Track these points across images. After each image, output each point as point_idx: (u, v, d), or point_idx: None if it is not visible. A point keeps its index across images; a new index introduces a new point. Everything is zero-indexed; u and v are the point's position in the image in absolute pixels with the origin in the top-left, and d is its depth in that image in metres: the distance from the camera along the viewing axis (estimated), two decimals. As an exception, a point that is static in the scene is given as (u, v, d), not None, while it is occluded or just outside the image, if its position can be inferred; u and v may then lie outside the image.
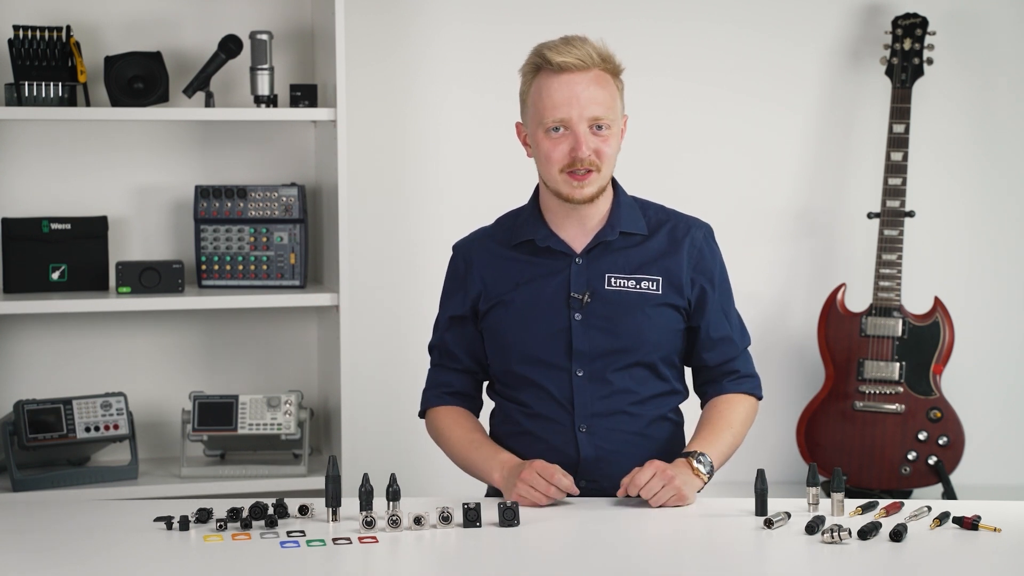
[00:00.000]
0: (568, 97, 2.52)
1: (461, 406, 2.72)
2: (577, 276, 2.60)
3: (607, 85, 2.55)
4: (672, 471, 2.48)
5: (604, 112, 2.53)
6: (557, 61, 2.53)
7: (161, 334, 3.77)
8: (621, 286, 2.60)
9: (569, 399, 2.59)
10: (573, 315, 2.59)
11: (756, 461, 2.75)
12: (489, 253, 2.67)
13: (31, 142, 3.68)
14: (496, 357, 2.67)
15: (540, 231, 2.63)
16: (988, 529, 2.32)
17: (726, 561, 2.24)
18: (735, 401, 2.67)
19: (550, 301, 2.60)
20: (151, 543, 2.27)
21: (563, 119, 2.53)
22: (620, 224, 2.62)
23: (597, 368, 2.59)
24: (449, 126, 3.91)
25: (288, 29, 3.78)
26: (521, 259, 2.64)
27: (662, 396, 2.64)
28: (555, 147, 2.54)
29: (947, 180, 4.14)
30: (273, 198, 3.66)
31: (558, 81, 2.53)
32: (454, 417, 2.70)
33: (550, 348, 2.60)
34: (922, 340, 3.92)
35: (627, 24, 3.95)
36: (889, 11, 4.06)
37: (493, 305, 2.64)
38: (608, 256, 2.61)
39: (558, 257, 2.62)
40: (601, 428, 2.59)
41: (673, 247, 2.63)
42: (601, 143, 2.54)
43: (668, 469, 2.48)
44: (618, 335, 2.58)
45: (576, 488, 2.50)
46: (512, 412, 2.66)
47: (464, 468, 2.67)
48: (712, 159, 4.05)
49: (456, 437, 2.67)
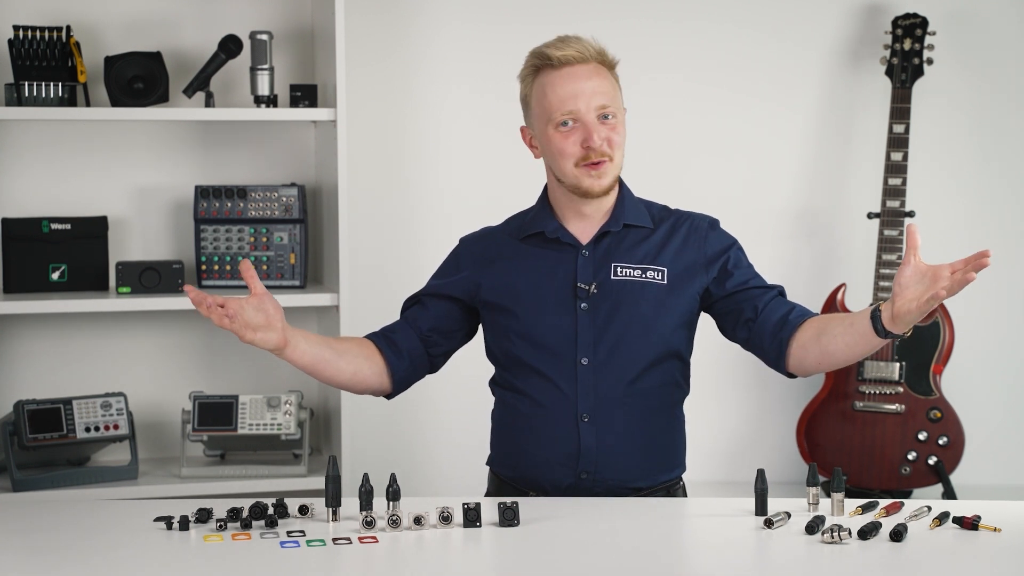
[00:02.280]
0: (573, 90, 2.55)
1: (376, 344, 2.70)
2: (584, 266, 2.62)
3: (607, 76, 2.59)
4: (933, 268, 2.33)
5: (609, 101, 2.57)
6: (557, 56, 2.56)
7: (161, 334, 3.77)
8: (627, 276, 2.61)
9: (573, 388, 2.60)
10: (579, 304, 2.60)
11: (756, 461, 2.75)
12: (496, 244, 2.70)
13: (31, 142, 3.68)
14: (501, 346, 2.68)
15: (550, 224, 2.65)
16: (988, 529, 2.32)
17: (726, 561, 2.24)
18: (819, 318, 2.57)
19: (557, 290, 2.62)
20: (151, 543, 2.27)
21: (571, 111, 2.55)
22: (624, 216, 2.64)
23: (601, 357, 2.59)
24: (449, 126, 3.91)
25: (288, 29, 3.78)
26: (530, 250, 2.67)
27: (665, 387, 2.64)
28: (567, 140, 2.56)
29: (947, 180, 4.14)
30: (273, 198, 3.66)
31: (560, 76, 2.56)
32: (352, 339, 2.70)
33: (556, 336, 2.61)
34: (922, 340, 3.92)
35: (627, 24, 3.95)
36: (889, 11, 4.06)
37: (498, 293, 2.66)
38: (614, 247, 2.63)
39: (565, 248, 2.64)
40: (603, 418, 2.60)
41: (678, 237, 2.66)
42: (611, 132, 2.56)
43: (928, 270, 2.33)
44: (624, 325, 2.60)
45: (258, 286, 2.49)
46: (515, 404, 2.66)
47: None
48: (712, 159, 4.05)
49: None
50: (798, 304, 2.64)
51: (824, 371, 2.86)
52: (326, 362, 2.62)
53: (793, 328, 2.58)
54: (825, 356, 2.54)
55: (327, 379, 2.65)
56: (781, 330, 2.59)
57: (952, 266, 2.31)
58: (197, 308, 2.43)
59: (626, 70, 2.64)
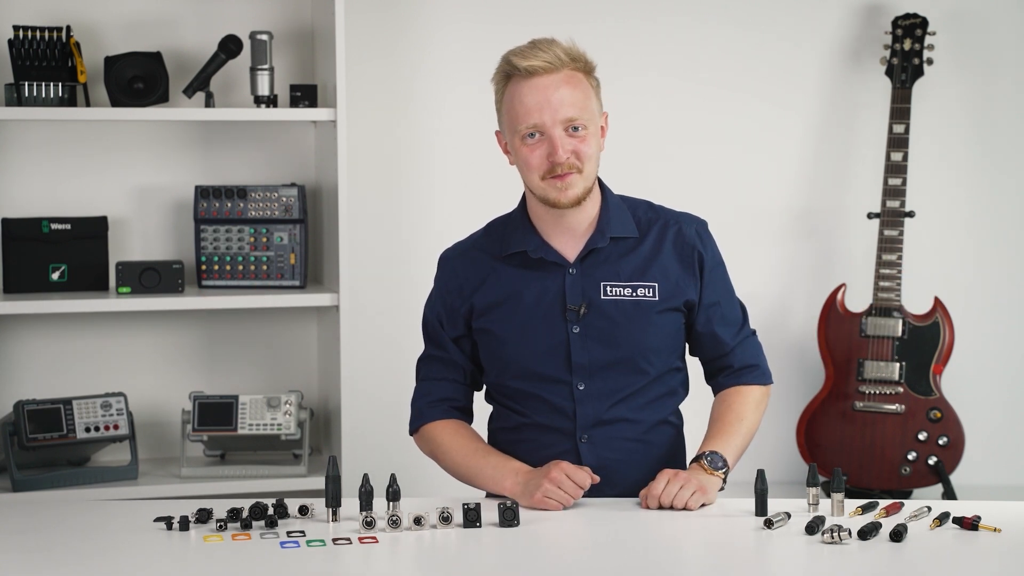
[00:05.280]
0: (539, 102, 2.49)
1: (461, 419, 2.69)
2: (572, 287, 2.57)
3: (579, 84, 2.51)
4: (685, 474, 2.47)
5: (578, 112, 2.49)
6: (523, 66, 2.49)
7: (161, 334, 3.77)
8: (618, 295, 2.57)
9: (570, 411, 2.58)
10: (571, 328, 2.56)
11: (756, 461, 2.75)
12: (478, 266, 2.63)
13: (31, 142, 3.68)
14: (492, 370, 2.64)
15: (531, 242, 2.59)
16: (988, 529, 2.32)
17: (726, 561, 2.24)
18: (743, 393, 2.66)
19: (546, 314, 2.57)
20: (151, 543, 2.27)
21: (536, 124, 2.49)
22: (610, 229, 2.58)
23: (598, 380, 2.57)
24: (449, 126, 3.90)
25: (288, 29, 3.78)
26: (513, 271, 2.60)
27: (662, 399, 2.63)
28: (532, 153, 2.51)
29: (947, 180, 4.14)
30: (273, 198, 3.66)
31: (527, 86, 2.50)
32: (454, 429, 2.65)
33: (549, 362, 2.57)
34: (922, 340, 3.92)
35: (627, 24, 3.95)
36: (889, 11, 4.06)
37: (487, 319, 2.61)
38: (602, 264, 2.58)
39: (551, 268, 2.58)
40: (602, 437, 2.58)
41: (666, 247, 2.60)
42: (579, 143, 2.50)
43: (680, 473, 2.47)
44: (618, 345, 2.56)
45: (597, 477, 2.50)
46: (511, 420, 2.64)
47: (469, 479, 2.61)
48: (712, 159, 4.05)
49: (461, 446, 2.62)
50: (732, 367, 2.68)
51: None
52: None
53: (719, 388, 2.70)
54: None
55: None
56: (711, 381, 2.72)
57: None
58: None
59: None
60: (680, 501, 2.43)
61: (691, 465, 2.53)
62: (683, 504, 2.43)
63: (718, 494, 2.50)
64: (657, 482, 2.46)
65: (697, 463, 2.52)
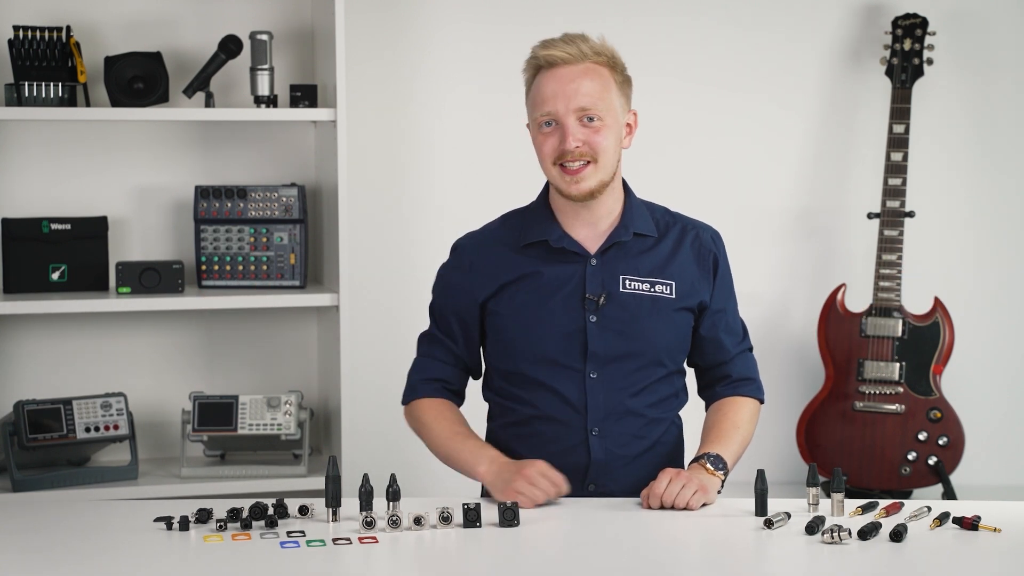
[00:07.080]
0: (556, 91, 2.52)
1: (451, 401, 2.71)
2: (592, 277, 2.59)
3: (599, 77, 2.54)
4: (687, 473, 2.48)
5: (592, 103, 2.52)
6: (543, 55, 2.54)
7: (161, 334, 3.77)
8: (636, 289, 2.59)
9: (581, 401, 2.58)
10: (588, 317, 2.58)
11: (756, 461, 2.75)
12: (496, 255, 2.64)
13: (31, 142, 3.68)
14: (502, 358, 2.65)
15: (553, 231, 2.61)
16: (988, 529, 2.32)
17: (726, 561, 2.25)
18: (739, 403, 2.68)
19: (564, 302, 2.58)
20: (151, 543, 2.27)
21: (551, 112, 2.53)
22: (633, 225, 2.61)
23: (610, 370, 2.58)
24: (449, 126, 3.91)
25: (288, 29, 3.78)
26: (531, 259, 2.61)
27: (669, 399, 2.65)
28: (546, 141, 2.54)
29: (947, 180, 4.14)
30: (273, 198, 3.66)
31: (549, 76, 2.54)
32: (440, 409, 2.68)
33: (564, 349, 2.58)
34: (922, 340, 3.92)
35: (627, 24, 3.95)
36: (889, 11, 4.06)
37: (502, 302, 2.62)
38: (623, 258, 2.60)
39: (572, 258, 2.60)
40: (612, 431, 2.59)
41: (684, 249, 2.63)
42: (592, 134, 2.52)
43: (682, 472, 2.48)
44: (633, 338, 2.58)
45: (567, 488, 2.50)
46: (518, 414, 2.64)
47: (446, 459, 2.64)
48: (712, 159, 4.05)
49: (442, 428, 2.64)
50: (730, 378, 2.70)
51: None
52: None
53: (709, 402, 2.73)
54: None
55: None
56: (706, 391, 2.73)
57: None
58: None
59: (628, 68, 2.63)
60: (682, 500, 2.44)
61: (691, 465, 2.54)
62: (685, 503, 2.44)
63: (717, 495, 2.50)
64: (659, 481, 2.46)
65: (698, 463, 2.53)
